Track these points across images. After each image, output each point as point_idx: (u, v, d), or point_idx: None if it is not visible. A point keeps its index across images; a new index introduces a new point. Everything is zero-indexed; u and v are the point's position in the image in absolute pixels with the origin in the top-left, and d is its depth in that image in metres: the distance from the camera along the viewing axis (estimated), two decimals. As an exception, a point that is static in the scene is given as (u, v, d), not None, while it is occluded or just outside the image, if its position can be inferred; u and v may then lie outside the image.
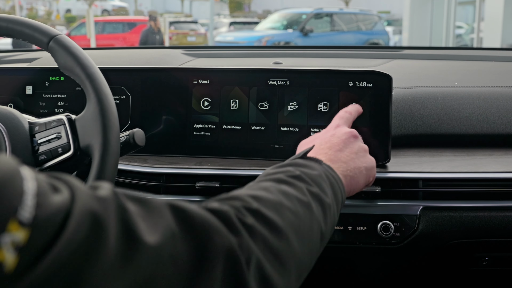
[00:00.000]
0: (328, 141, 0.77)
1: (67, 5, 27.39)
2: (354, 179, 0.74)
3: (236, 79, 1.04)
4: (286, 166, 0.67)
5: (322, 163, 0.70)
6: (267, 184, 0.59)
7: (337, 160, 0.73)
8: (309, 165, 0.67)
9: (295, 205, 0.57)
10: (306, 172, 0.64)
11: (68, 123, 0.78)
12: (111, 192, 0.41)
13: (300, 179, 0.62)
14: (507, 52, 1.68)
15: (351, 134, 0.80)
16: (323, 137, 0.79)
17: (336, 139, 0.77)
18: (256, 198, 0.54)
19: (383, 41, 12.22)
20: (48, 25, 0.83)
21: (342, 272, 1.13)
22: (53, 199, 0.36)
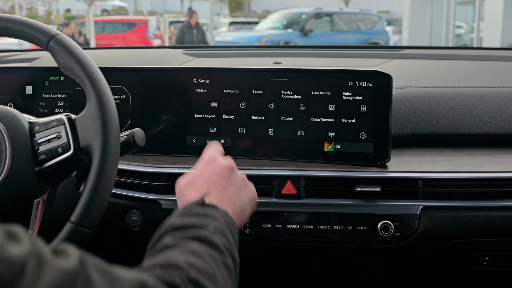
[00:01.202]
0: (209, 180, 0.75)
1: (67, 5, 27.38)
2: (242, 215, 0.75)
3: (236, 78, 1.04)
4: (191, 216, 0.66)
5: (218, 208, 0.69)
6: (194, 247, 0.60)
7: (225, 200, 0.73)
8: (211, 214, 0.67)
9: (222, 271, 0.60)
10: (215, 226, 0.65)
11: (68, 122, 0.78)
12: (78, 262, 0.39)
13: (216, 235, 0.63)
14: (507, 51, 1.68)
15: (229, 168, 0.77)
16: (201, 175, 0.76)
17: (216, 177, 0.75)
18: (192, 266, 0.56)
19: (383, 41, 12.22)
20: (48, 25, 0.84)
21: (342, 271, 1.13)
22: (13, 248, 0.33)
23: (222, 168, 0.77)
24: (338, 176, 0.97)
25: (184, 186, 0.77)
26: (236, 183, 0.77)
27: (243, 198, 0.77)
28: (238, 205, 0.74)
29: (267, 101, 1.03)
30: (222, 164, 0.78)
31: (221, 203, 0.72)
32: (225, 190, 0.75)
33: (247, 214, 0.78)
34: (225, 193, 0.74)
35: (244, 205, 0.76)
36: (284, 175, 0.97)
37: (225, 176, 0.76)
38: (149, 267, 0.54)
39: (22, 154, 0.76)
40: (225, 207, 0.71)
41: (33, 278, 0.33)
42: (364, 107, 1.00)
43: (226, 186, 0.75)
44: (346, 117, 1.00)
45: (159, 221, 0.98)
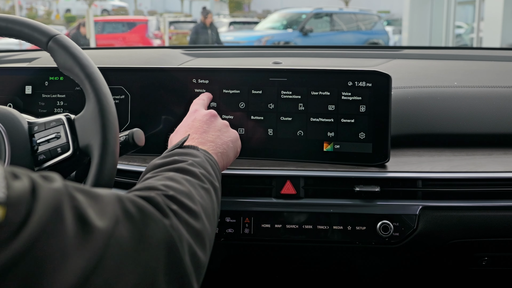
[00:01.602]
0: (192, 126, 0.83)
1: (67, 5, 27.37)
2: (224, 154, 0.81)
3: (235, 79, 1.04)
4: (172, 156, 0.73)
5: (199, 148, 0.76)
6: (170, 174, 0.66)
7: (206, 141, 0.80)
8: (190, 152, 0.74)
9: (200, 191, 0.65)
10: (194, 160, 0.71)
11: (67, 123, 0.78)
12: (62, 184, 0.46)
13: (194, 166, 0.69)
14: (507, 52, 1.68)
15: (210, 114, 0.86)
16: (185, 124, 0.85)
17: (198, 123, 0.84)
18: (168, 187, 0.61)
19: (382, 41, 12.22)
20: (49, 25, 0.83)
21: (342, 271, 1.13)
22: (17, 183, 0.41)
23: (204, 115, 0.86)
24: (338, 176, 0.97)
25: (172, 136, 0.86)
26: (217, 126, 0.84)
27: (225, 139, 0.83)
28: (220, 145, 0.81)
29: (267, 101, 1.03)
30: (204, 112, 0.87)
31: (202, 144, 0.79)
32: (207, 132, 0.82)
33: (231, 155, 0.84)
34: (206, 135, 0.81)
35: (226, 145, 0.82)
36: (283, 175, 0.97)
37: (206, 121, 0.84)
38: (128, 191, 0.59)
39: (21, 154, 0.76)
40: (206, 147, 0.78)
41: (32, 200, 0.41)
42: (363, 107, 1.00)
43: (207, 130, 0.83)
44: (346, 117, 1.00)
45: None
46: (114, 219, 0.48)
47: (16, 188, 0.41)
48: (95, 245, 0.44)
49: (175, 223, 0.56)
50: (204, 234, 0.61)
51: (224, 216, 0.96)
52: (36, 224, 0.40)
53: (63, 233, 0.42)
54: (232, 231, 0.96)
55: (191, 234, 0.58)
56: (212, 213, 0.66)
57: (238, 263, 1.13)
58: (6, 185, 0.40)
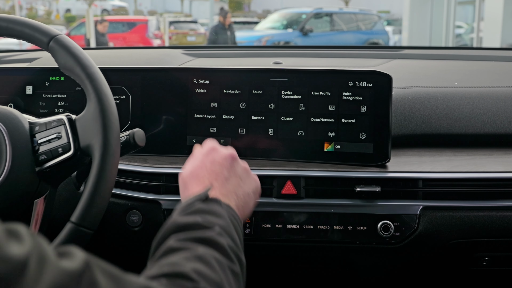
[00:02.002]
0: (211, 171, 0.73)
1: (67, 5, 27.37)
2: (245, 207, 0.73)
3: (236, 79, 1.04)
4: (195, 213, 0.64)
5: (222, 203, 0.68)
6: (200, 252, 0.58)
7: (228, 193, 0.71)
8: (215, 211, 0.65)
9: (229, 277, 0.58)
10: (220, 224, 0.63)
11: (68, 123, 0.78)
12: (83, 264, 0.38)
13: (221, 236, 0.61)
14: (507, 52, 1.68)
15: (231, 157, 0.75)
16: (203, 166, 0.74)
17: (218, 167, 0.73)
18: (201, 274, 0.54)
19: (382, 41, 12.21)
20: (49, 26, 0.83)
21: (343, 271, 1.13)
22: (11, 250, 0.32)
23: (224, 158, 0.75)
24: (338, 176, 0.97)
25: (187, 177, 0.75)
26: (238, 173, 0.75)
27: (246, 189, 0.75)
28: (241, 197, 0.73)
29: (267, 101, 1.03)
30: (224, 153, 0.76)
31: (224, 196, 0.70)
32: (228, 181, 0.72)
33: (251, 206, 0.76)
34: (228, 185, 0.72)
35: (248, 197, 0.74)
36: (284, 175, 0.97)
37: (227, 166, 0.74)
38: (156, 275, 0.52)
39: (23, 154, 0.76)
40: (228, 201, 0.70)
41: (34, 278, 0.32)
42: (364, 107, 1.00)
43: (229, 177, 0.73)
44: (346, 117, 1.00)
45: (159, 221, 0.99)
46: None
47: (10, 250, 0.31)
48: None
49: None
50: None
51: (225, 216, 0.96)
52: None
53: None
54: (233, 231, 0.96)
55: None
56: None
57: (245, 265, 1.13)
58: None
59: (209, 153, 0.76)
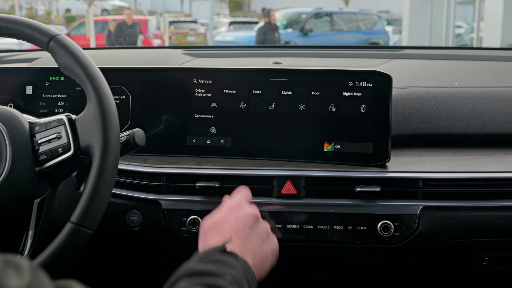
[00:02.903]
0: (234, 227, 0.75)
1: (67, 4, 27.36)
2: (262, 267, 0.75)
3: (236, 79, 1.04)
4: (209, 263, 0.66)
5: (239, 258, 0.69)
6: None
7: (247, 250, 0.72)
8: (229, 262, 0.67)
9: None
10: (232, 274, 0.64)
11: (68, 123, 0.78)
12: None
13: (233, 286, 0.62)
14: (507, 51, 1.68)
15: (254, 216, 0.78)
16: (227, 220, 0.76)
17: (241, 224, 0.75)
18: None
19: (382, 41, 12.21)
20: (49, 25, 0.83)
21: (342, 271, 1.13)
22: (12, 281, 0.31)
23: (248, 216, 0.77)
24: (338, 176, 0.97)
25: (207, 228, 0.78)
26: (260, 233, 0.77)
27: (265, 250, 0.76)
28: (259, 257, 0.74)
29: (267, 101, 1.03)
30: (248, 212, 0.78)
31: (243, 252, 0.71)
32: (249, 239, 0.74)
33: (267, 268, 0.76)
34: (248, 242, 0.74)
35: (266, 258, 0.76)
36: (284, 175, 0.97)
37: (249, 224, 0.76)
38: None
39: (23, 155, 0.76)
40: (246, 257, 0.71)
41: None
42: (364, 107, 1.00)
43: (249, 236, 0.75)
44: (346, 117, 1.00)
45: (159, 221, 0.99)
46: None
47: (8, 284, 0.30)
48: None
49: None
50: None
51: (225, 216, 0.96)
52: None
53: None
54: (233, 231, 0.96)
55: None
56: None
57: None
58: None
59: (234, 209, 0.79)
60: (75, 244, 0.72)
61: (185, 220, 0.97)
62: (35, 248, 0.79)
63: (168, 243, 1.00)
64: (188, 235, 0.98)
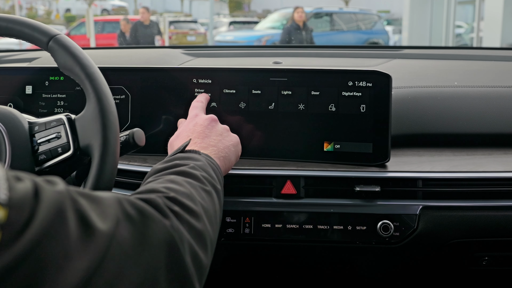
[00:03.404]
0: (193, 131, 0.84)
1: (67, 4, 27.36)
2: (226, 158, 0.82)
3: (236, 78, 1.04)
4: (173, 160, 0.73)
5: (201, 153, 0.77)
6: (171, 177, 0.67)
7: (208, 146, 0.81)
8: (192, 157, 0.74)
9: (201, 193, 0.66)
10: (195, 163, 0.72)
11: (67, 122, 0.78)
12: (65, 188, 0.47)
13: (195, 169, 0.70)
14: (507, 51, 1.68)
15: (211, 119, 0.87)
16: (187, 129, 0.86)
17: (199, 128, 0.84)
18: (169, 188, 0.62)
19: (382, 41, 12.21)
20: (49, 25, 0.83)
21: (342, 271, 1.13)
22: (20, 185, 0.42)
23: (205, 119, 0.87)
24: (338, 176, 0.97)
25: (172, 141, 0.87)
26: (218, 131, 0.86)
27: (226, 143, 0.84)
28: (222, 149, 0.82)
29: (267, 101, 1.03)
30: (205, 117, 0.88)
31: (204, 149, 0.79)
32: (208, 137, 0.83)
33: (232, 160, 0.84)
34: (208, 139, 0.82)
35: (228, 149, 0.83)
36: (283, 175, 0.97)
37: (207, 125, 0.85)
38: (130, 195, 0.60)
39: (22, 154, 0.76)
40: (208, 152, 0.79)
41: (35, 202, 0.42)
42: (363, 107, 1.00)
43: (209, 134, 0.83)
44: (346, 117, 1.00)
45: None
46: (115, 221, 0.49)
47: (19, 190, 0.41)
48: (97, 247, 0.45)
49: (175, 224, 0.56)
50: (205, 235, 0.61)
51: (225, 216, 0.96)
52: (39, 226, 0.41)
53: (66, 235, 0.43)
54: (233, 231, 0.96)
55: (192, 235, 0.58)
56: (214, 215, 0.67)
57: (239, 263, 1.13)
58: (8, 187, 0.40)
59: (192, 119, 0.89)
60: None
61: (184, 220, 0.97)
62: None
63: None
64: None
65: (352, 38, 11.79)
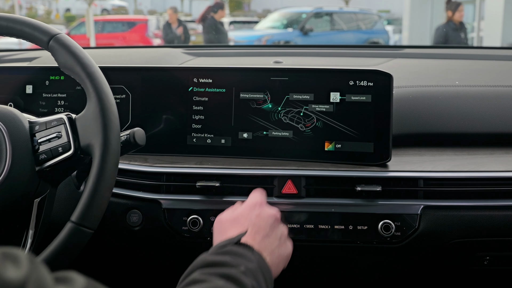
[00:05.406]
0: (255, 224, 0.76)
1: (67, 4, 27.35)
2: (277, 268, 0.76)
3: (236, 78, 1.04)
4: (225, 254, 0.67)
5: (254, 251, 0.70)
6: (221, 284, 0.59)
7: (265, 248, 0.73)
8: (245, 254, 0.68)
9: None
10: (247, 266, 0.65)
11: (68, 122, 0.78)
12: None
13: (246, 275, 0.63)
14: (507, 51, 1.68)
15: (275, 217, 0.80)
16: (248, 217, 0.78)
17: (262, 222, 0.77)
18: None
19: (383, 40, 12.20)
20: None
21: (343, 271, 1.13)
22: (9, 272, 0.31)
23: (269, 216, 0.79)
24: (339, 175, 0.97)
25: (227, 221, 0.79)
26: (278, 235, 0.78)
27: (282, 252, 0.77)
28: (275, 257, 0.75)
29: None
30: (270, 212, 0.80)
31: (261, 248, 0.72)
32: (268, 238, 0.75)
33: (280, 270, 0.77)
34: (267, 240, 0.75)
35: (281, 259, 0.76)
36: (284, 174, 0.97)
37: (270, 224, 0.77)
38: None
39: (23, 154, 0.76)
40: (264, 254, 0.72)
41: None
42: (364, 106, 1.00)
43: (269, 235, 0.76)
44: (347, 117, 1.00)
45: (159, 221, 0.99)
46: None
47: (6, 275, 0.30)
48: None
49: None
50: None
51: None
52: None
53: None
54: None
55: None
56: None
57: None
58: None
59: (256, 207, 0.80)
60: (76, 244, 0.72)
61: (185, 219, 0.97)
62: (35, 248, 0.79)
63: (168, 243, 1.00)
64: (189, 235, 0.97)
65: (352, 38, 11.78)
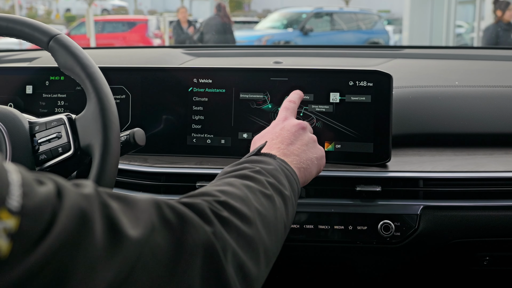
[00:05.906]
0: (279, 135, 0.79)
1: (67, 4, 27.36)
2: (307, 170, 0.77)
3: (236, 78, 1.04)
4: (243, 163, 0.70)
5: (276, 157, 0.73)
6: (231, 180, 0.63)
7: (290, 153, 0.76)
8: (264, 160, 0.70)
9: (259, 197, 0.61)
10: (264, 167, 0.68)
11: (68, 122, 0.78)
12: (94, 190, 0.44)
13: (260, 173, 0.66)
14: (507, 51, 1.68)
15: (300, 126, 0.81)
16: (273, 131, 0.81)
17: (286, 133, 0.79)
18: (223, 192, 0.58)
19: (383, 40, 12.20)
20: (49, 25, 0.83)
21: (343, 271, 1.13)
22: (38, 190, 0.39)
23: (293, 125, 0.81)
24: (339, 176, 0.97)
25: (256, 139, 0.83)
26: (305, 140, 0.80)
27: (310, 155, 0.78)
28: (304, 160, 0.76)
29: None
30: (294, 122, 0.82)
31: (285, 156, 0.74)
32: (293, 144, 0.77)
33: (313, 172, 0.79)
34: (292, 147, 0.77)
35: (310, 161, 0.77)
36: (284, 175, 0.97)
37: (294, 132, 0.79)
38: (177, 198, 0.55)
39: (23, 154, 0.76)
40: (288, 159, 0.74)
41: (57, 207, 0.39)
42: (364, 106, 1.00)
43: (294, 141, 0.78)
44: (346, 117, 1.00)
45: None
46: (150, 227, 0.45)
47: (37, 196, 0.38)
48: (126, 256, 0.42)
49: (219, 231, 0.52)
50: (257, 243, 0.56)
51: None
52: (59, 235, 0.37)
53: (90, 244, 0.39)
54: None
55: (240, 243, 0.54)
56: (273, 221, 0.61)
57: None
58: (22, 193, 0.37)
59: (281, 122, 0.83)
60: None
61: (185, 220, 0.97)
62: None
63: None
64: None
65: (352, 38, 11.78)
